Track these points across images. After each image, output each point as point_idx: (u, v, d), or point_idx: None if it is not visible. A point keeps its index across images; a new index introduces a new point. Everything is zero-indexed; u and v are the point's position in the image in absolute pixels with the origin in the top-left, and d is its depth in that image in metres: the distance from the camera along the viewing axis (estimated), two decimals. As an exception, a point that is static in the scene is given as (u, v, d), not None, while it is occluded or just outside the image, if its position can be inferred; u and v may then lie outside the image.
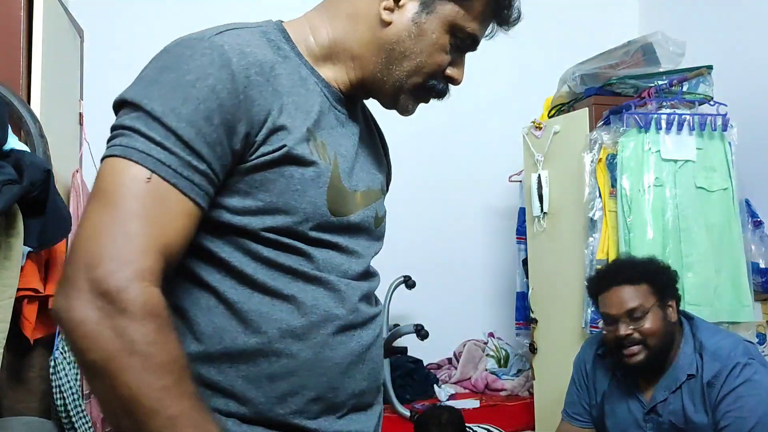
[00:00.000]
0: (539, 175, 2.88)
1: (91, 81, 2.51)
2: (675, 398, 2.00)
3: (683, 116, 2.57)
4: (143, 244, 0.78)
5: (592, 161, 2.61)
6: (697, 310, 2.33)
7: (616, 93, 2.72)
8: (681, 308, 2.12)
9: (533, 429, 3.00)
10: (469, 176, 3.62)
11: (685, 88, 2.65)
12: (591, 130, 2.66)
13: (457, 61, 1.02)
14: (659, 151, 2.53)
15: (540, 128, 2.94)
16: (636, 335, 1.98)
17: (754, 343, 2.39)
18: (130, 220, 0.78)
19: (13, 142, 1.61)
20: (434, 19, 0.97)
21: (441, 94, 1.04)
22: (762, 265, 2.70)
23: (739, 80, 2.99)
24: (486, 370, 3.33)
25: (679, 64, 2.77)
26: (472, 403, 3.00)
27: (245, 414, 0.90)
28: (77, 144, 2.26)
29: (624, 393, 2.12)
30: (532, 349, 3.00)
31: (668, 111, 2.59)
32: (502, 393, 3.21)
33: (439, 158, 3.60)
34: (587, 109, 2.72)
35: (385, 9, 0.97)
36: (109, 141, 0.85)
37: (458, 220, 3.62)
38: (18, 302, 1.59)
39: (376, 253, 1.06)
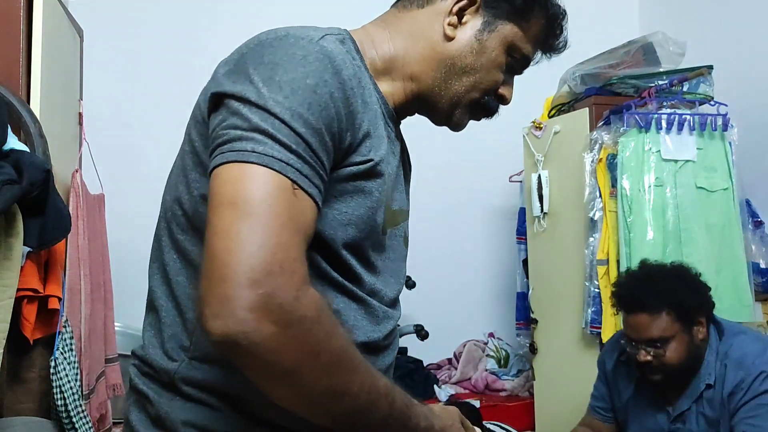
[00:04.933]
0: (539, 175, 2.88)
1: (91, 81, 2.51)
2: (697, 407, 1.95)
3: (683, 116, 2.56)
4: (297, 252, 0.77)
5: (592, 161, 2.61)
6: (697, 310, 2.32)
7: (617, 93, 2.72)
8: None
9: (533, 429, 3.00)
10: (469, 176, 3.62)
11: (685, 88, 2.65)
12: (591, 130, 2.66)
13: (508, 81, 1.06)
14: (659, 151, 2.53)
15: (540, 128, 2.94)
16: (655, 362, 1.88)
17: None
18: (281, 230, 0.76)
19: (13, 142, 1.61)
20: (495, 37, 1.01)
21: (492, 112, 1.07)
22: (762, 265, 2.69)
23: (739, 80, 2.98)
24: (486, 370, 3.33)
25: (680, 64, 2.77)
26: (472, 404, 3.00)
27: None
28: (77, 144, 2.26)
29: (649, 402, 2.04)
30: (533, 349, 2.99)
31: (668, 111, 2.59)
32: (502, 393, 3.21)
33: (439, 158, 3.59)
34: (587, 109, 2.72)
35: (449, 25, 1.00)
36: (228, 141, 0.79)
37: (458, 220, 3.62)
38: (18, 302, 1.59)
39: (404, 277, 1.07)
